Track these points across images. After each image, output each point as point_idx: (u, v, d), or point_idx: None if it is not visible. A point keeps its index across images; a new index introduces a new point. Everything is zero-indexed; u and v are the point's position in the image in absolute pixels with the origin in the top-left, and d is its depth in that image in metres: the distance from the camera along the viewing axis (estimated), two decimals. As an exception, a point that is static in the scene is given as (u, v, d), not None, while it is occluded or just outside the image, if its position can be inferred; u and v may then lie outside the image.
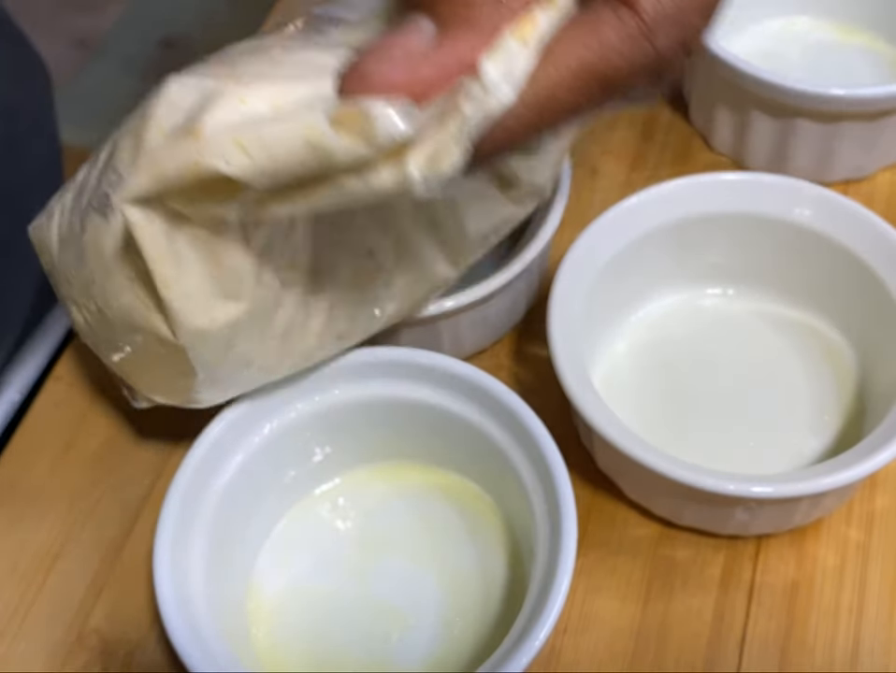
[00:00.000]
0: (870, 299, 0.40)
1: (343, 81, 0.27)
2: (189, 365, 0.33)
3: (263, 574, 0.39)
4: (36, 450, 0.44)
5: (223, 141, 0.27)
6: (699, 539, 0.40)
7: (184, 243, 0.30)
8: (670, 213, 0.42)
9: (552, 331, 0.38)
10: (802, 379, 0.42)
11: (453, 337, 0.43)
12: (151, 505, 0.42)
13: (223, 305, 0.32)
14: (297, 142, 0.26)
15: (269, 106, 0.28)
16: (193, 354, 0.33)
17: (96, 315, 0.35)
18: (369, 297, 0.37)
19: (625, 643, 0.37)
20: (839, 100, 0.45)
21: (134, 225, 0.30)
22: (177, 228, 0.30)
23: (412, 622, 0.37)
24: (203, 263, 0.31)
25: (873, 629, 0.37)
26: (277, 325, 0.34)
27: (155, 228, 0.30)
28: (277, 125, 0.27)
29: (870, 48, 0.54)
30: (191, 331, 0.32)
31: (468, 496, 0.40)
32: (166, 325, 0.32)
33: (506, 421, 0.37)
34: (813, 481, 0.35)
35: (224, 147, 0.27)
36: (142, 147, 0.29)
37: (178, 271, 0.31)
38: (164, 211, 0.30)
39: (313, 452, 0.39)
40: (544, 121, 0.28)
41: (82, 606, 0.39)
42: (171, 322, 0.32)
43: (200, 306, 0.32)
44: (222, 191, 0.28)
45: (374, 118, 0.25)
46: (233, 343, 0.33)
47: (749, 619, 0.38)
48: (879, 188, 0.50)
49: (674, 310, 0.45)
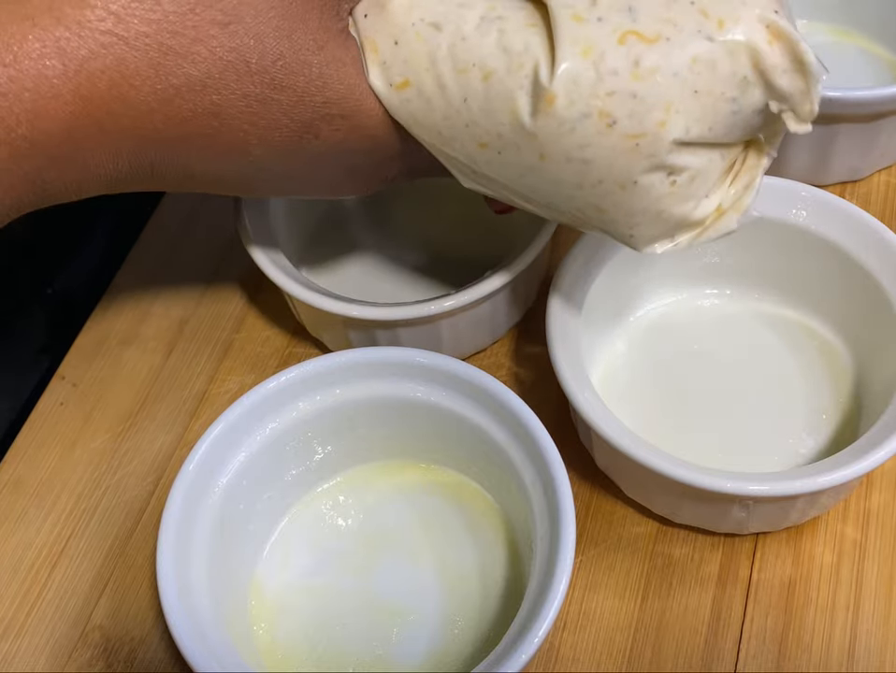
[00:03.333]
0: (866, 300, 0.40)
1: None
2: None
3: (265, 571, 0.39)
4: (41, 448, 0.44)
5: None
6: (696, 537, 0.40)
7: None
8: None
9: (551, 331, 0.38)
10: (798, 378, 0.43)
11: (453, 337, 0.43)
12: (155, 503, 0.42)
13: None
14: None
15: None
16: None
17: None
18: None
19: (623, 640, 0.38)
20: (835, 102, 0.45)
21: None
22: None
23: (413, 619, 0.38)
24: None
25: (869, 626, 0.37)
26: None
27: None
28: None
29: (866, 50, 0.54)
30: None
31: (467, 495, 0.40)
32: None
33: (506, 420, 0.37)
34: (809, 480, 0.35)
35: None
36: None
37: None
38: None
39: (314, 451, 0.40)
40: None
41: (86, 603, 0.40)
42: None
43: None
44: None
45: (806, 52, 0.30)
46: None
47: (746, 616, 0.38)
48: (875, 190, 0.50)
49: (673, 310, 0.45)
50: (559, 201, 0.33)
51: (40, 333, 0.49)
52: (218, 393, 0.45)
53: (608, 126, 0.31)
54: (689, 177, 0.32)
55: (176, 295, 0.49)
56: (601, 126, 0.31)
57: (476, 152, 0.33)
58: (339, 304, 0.41)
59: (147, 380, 0.46)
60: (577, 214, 0.34)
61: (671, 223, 0.33)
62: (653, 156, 0.31)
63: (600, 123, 0.31)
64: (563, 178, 0.32)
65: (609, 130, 0.31)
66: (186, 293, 0.49)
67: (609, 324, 0.44)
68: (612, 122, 0.30)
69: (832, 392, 0.42)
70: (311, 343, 0.47)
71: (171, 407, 0.45)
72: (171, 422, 0.44)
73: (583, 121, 0.31)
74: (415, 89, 0.33)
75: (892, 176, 0.51)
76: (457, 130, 0.33)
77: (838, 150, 0.48)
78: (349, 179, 0.37)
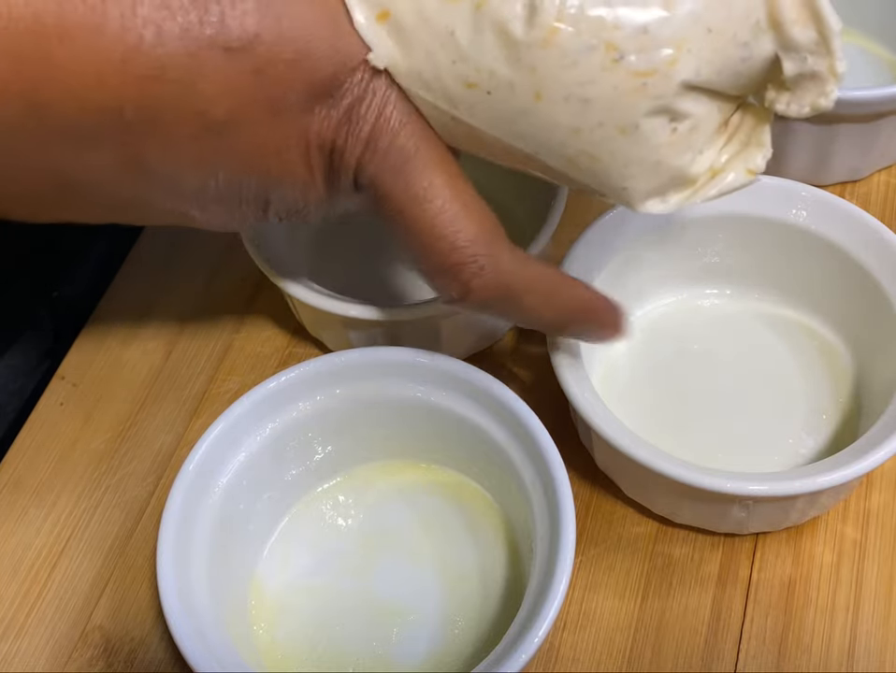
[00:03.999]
0: (866, 300, 0.40)
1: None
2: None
3: (265, 571, 0.39)
4: (41, 448, 0.44)
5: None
6: (696, 537, 0.40)
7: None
8: (668, 214, 0.42)
9: (551, 331, 0.38)
10: (798, 378, 0.43)
11: (453, 337, 0.43)
12: (155, 503, 0.42)
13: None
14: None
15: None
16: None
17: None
18: None
19: (623, 640, 0.38)
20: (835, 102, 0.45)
21: None
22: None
23: (413, 620, 0.38)
24: None
25: (869, 626, 0.37)
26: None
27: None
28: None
29: (866, 50, 0.54)
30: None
31: (467, 495, 0.40)
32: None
33: (506, 420, 0.37)
34: (809, 480, 0.35)
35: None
36: None
37: None
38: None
39: (314, 451, 0.40)
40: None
41: (86, 603, 0.40)
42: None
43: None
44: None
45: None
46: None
47: (746, 616, 0.38)
48: (875, 190, 0.50)
49: (672, 310, 0.45)
50: (549, 149, 0.31)
51: (41, 334, 0.49)
52: (218, 393, 0.45)
53: (614, 62, 0.28)
54: (691, 125, 0.30)
55: (176, 295, 0.49)
56: (607, 61, 0.28)
57: (461, 94, 0.30)
58: (338, 304, 0.41)
59: (147, 380, 0.46)
60: (566, 165, 0.31)
61: (666, 177, 0.31)
62: (659, 98, 0.29)
63: (606, 58, 0.28)
64: (559, 120, 0.30)
65: (615, 66, 0.28)
66: (186, 293, 0.49)
67: (609, 324, 0.44)
68: (618, 57, 0.28)
69: (832, 392, 0.42)
70: (311, 343, 0.47)
71: (171, 407, 0.45)
72: (171, 422, 0.44)
73: (587, 53, 0.28)
74: (394, 21, 0.29)
75: (892, 176, 0.51)
76: (441, 68, 0.29)
77: (838, 149, 0.48)
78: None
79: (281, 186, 0.31)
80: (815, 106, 0.31)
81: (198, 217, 0.32)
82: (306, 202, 0.32)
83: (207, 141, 0.29)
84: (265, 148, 0.29)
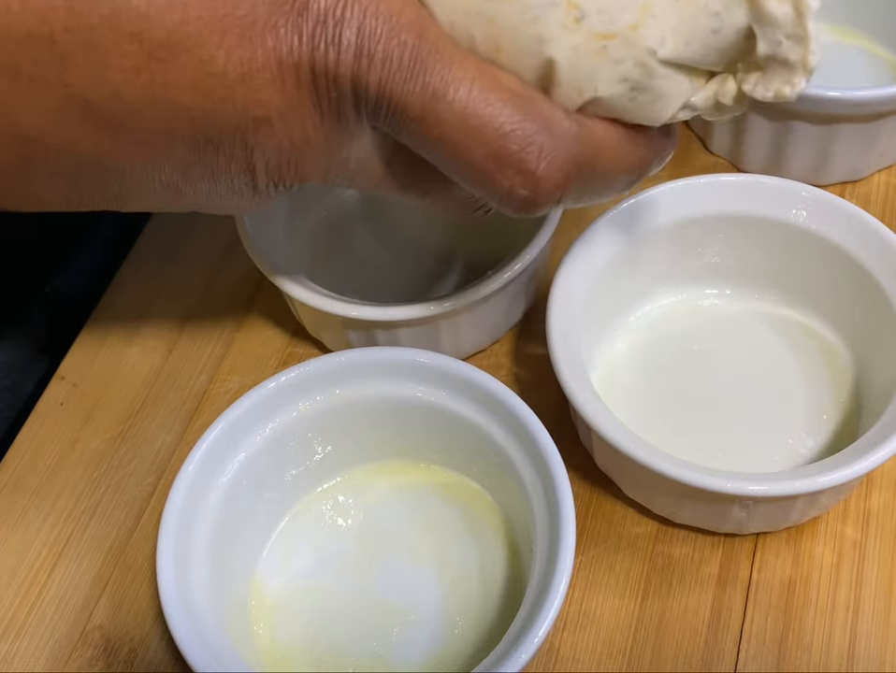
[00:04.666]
0: (866, 300, 0.40)
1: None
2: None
3: (264, 571, 0.39)
4: (40, 448, 0.44)
5: None
6: (696, 537, 0.40)
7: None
8: (668, 214, 0.42)
9: (551, 331, 0.38)
10: (798, 378, 0.43)
11: (453, 337, 0.43)
12: (154, 503, 0.42)
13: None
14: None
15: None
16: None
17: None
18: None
19: (623, 640, 0.38)
20: (835, 102, 0.45)
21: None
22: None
23: (412, 620, 0.38)
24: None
25: (869, 626, 0.37)
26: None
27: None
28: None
29: (866, 50, 0.54)
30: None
31: (467, 495, 0.40)
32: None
33: (506, 420, 0.37)
34: (809, 480, 0.35)
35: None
36: None
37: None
38: None
39: (314, 451, 0.40)
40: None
41: (86, 603, 0.40)
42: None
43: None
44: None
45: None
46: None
47: (746, 616, 0.38)
48: (875, 190, 0.50)
49: (673, 310, 0.45)
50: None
51: (40, 333, 0.49)
52: (218, 393, 0.45)
53: (575, 21, 0.27)
54: (652, 98, 0.29)
55: (176, 295, 0.49)
56: (568, 20, 0.27)
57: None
58: (338, 304, 0.41)
59: (147, 380, 0.46)
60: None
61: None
62: (620, 63, 0.28)
63: (568, 16, 0.27)
64: (519, 73, 0.28)
65: (576, 26, 0.27)
66: (186, 293, 0.49)
67: (609, 324, 0.44)
68: (580, 17, 0.27)
69: (832, 392, 0.42)
70: (311, 343, 0.47)
71: (171, 406, 0.45)
72: (171, 422, 0.44)
73: (547, 9, 0.27)
74: None
75: (892, 176, 0.51)
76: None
77: (838, 150, 0.48)
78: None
79: (258, 125, 0.27)
80: (778, 93, 0.29)
81: (185, 190, 0.29)
82: (293, 143, 0.28)
83: (154, 74, 0.25)
84: (224, 76, 0.26)
